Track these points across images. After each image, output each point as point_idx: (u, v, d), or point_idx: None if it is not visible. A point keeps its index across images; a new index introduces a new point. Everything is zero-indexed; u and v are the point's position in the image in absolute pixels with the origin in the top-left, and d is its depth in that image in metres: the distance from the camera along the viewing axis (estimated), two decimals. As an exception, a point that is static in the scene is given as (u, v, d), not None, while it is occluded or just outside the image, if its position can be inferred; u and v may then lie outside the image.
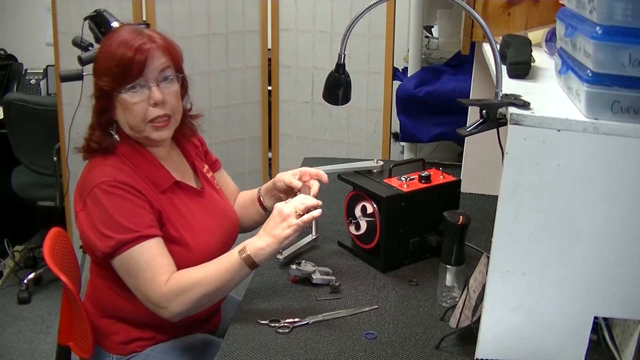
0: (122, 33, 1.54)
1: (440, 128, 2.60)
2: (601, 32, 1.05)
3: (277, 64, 2.92)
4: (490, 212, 1.99)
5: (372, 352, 1.34)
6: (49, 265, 1.66)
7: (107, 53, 1.51)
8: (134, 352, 1.62)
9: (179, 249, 1.54)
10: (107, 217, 1.47)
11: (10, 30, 4.05)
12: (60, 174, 3.07)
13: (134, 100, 1.51)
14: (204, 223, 1.63)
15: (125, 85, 1.50)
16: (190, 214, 1.61)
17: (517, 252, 1.19)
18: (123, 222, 1.46)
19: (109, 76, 1.50)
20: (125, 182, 1.49)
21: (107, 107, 1.54)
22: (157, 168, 1.59)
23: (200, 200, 1.67)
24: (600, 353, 1.33)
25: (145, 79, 1.51)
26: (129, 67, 1.49)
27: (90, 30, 2.49)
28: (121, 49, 1.50)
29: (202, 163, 1.77)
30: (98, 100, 1.54)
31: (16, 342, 3.06)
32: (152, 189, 1.55)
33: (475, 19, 1.32)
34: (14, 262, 3.63)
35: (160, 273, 1.45)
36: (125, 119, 1.54)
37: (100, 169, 1.52)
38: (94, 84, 1.53)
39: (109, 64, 1.50)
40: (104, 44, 1.54)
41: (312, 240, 1.79)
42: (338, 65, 1.58)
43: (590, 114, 1.10)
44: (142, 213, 1.49)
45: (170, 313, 1.46)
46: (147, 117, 1.53)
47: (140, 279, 1.46)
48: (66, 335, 1.71)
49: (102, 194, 1.48)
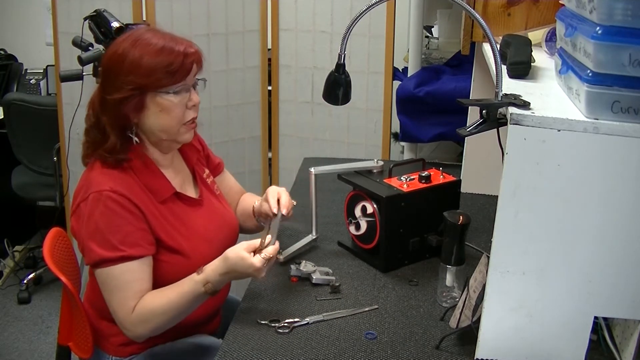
0: (156, 34, 1.52)
1: (440, 128, 2.60)
2: (601, 32, 1.05)
3: (277, 64, 2.92)
4: (490, 212, 1.99)
5: (372, 352, 1.34)
6: (48, 265, 1.66)
7: (152, 53, 1.48)
8: (133, 354, 1.62)
9: (177, 258, 1.55)
10: (94, 229, 1.47)
11: (10, 30, 4.05)
12: (60, 174, 3.07)
13: (175, 101, 1.52)
14: (202, 232, 1.63)
15: (172, 86, 1.50)
16: (189, 224, 1.60)
17: (517, 252, 1.19)
18: (110, 238, 1.46)
19: (153, 76, 1.48)
20: (123, 194, 1.48)
21: (135, 108, 1.51)
22: (158, 178, 1.58)
23: (199, 209, 1.66)
24: (600, 353, 1.33)
25: (187, 82, 1.53)
26: (180, 69, 1.50)
27: (90, 30, 2.49)
28: (169, 50, 1.49)
29: (203, 168, 1.77)
30: (125, 100, 1.49)
31: (16, 342, 3.06)
32: (151, 199, 1.54)
33: (475, 19, 1.32)
34: (14, 262, 3.62)
35: (132, 298, 1.48)
36: (157, 121, 1.53)
37: (101, 176, 1.50)
38: (120, 84, 1.48)
39: (156, 63, 1.48)
40: (138, 43, 1.49)
41: (312, 241, 1.79)
42: (338, 65, 1.58)
43: (591, 114, 1.10)
44: (131, 230, 1.48)
45: (133, 335, 1.51)
46: (184, 119, 1.55)
47: (113, 297, 1.49)
48: (66, 335, 1.71)
49: (96, 204, 1.47)
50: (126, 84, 1.48)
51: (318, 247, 1.79)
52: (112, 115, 1.51)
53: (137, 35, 1.52)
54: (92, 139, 1.55)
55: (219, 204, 1.74)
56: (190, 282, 1.49)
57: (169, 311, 1.49)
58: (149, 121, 1.53)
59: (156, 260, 1.53)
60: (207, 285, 1.48)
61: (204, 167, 1.77)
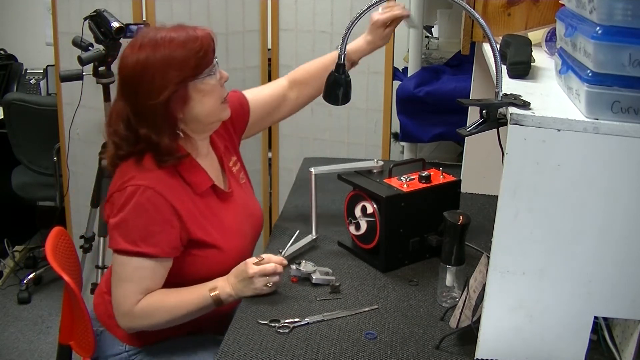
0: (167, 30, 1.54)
1: (440, 128, 2.60)
2: (601, 32, 1.05)
3: (277, 64, 2.92)
4: (490, 212, 1.99)
5: (372, 352, 1.34)
6: (51, 264, 1.66)
7: (179, 46, 1.51)
8: (147, 343, 1.64)
9: (212, 252, 1.59)
10: (121, 220, 1.50)
11: (10, 30, 4.05)
12: (60, 174, 3.07)
13: (213, 82, 1.57)
14: (236, 225, 1.67)
15: (207, 69, 1.55)
16: (222, 217, 1.64)
17: (517, 252, 1.19)
18: (133, 232, 1.49)
19: (189, 65, 1.51)
20: (160, 193, 1.50)
21: (181, 103, 1.53)
22: (197, 171, 1.61)
23: (230, 202, 1.70)
24: (600, 353, 1.33)
25: (212, 62, 1.57)
26: (207, 51, 1.55)
27: (90, 30, 2.50)
28: (191, 38, 1.53)
29: (230, 156, 1.79)
30: (171, 99, 1.51)
31: (16, 342, 3.06)
32: (189, 193, 1.57)
33: (475, 19, 1.32)
34: (14, 262, 3.62)
35: (139, 293, 1.52)
36: (202, 107, 1.56)
37: (143, 171, 1.52)
38: (160, 85, 1.48)
39: (187, 52, 1.51)
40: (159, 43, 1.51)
41: (312, 241, 1.79)
42: (338, 65, 1.58)
43: (591, 114, 1.10)
44: (156, 231, 1.51)
45: (125, 326, 1.56)
46: (222, 96, 1.60)
47: (121, 286, 1.53)
48: (67, 334, 1.72)
49: (130, 197, 1.49)
50: (167, 81, 1.50)
51: (318, 247, 1.79)
52: (160, 121, 1.52)
53: (150, 38, 1.52)
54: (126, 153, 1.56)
55: (244, 195, 1.79)
56: (200, 287, 1.54)
57: (174, 310, 1.53)
58: (194, 110, 1.56)
59: (191, 255, 1.57)
60: (213, 292, 1.53)
61: (230, 155, 1.80)
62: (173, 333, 1.64)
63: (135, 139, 1.53)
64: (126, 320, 1.54)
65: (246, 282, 1.51)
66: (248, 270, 1.50)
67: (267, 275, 1.51)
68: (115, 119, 1.56)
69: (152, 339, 1.64)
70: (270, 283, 1.51)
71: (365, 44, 1.84)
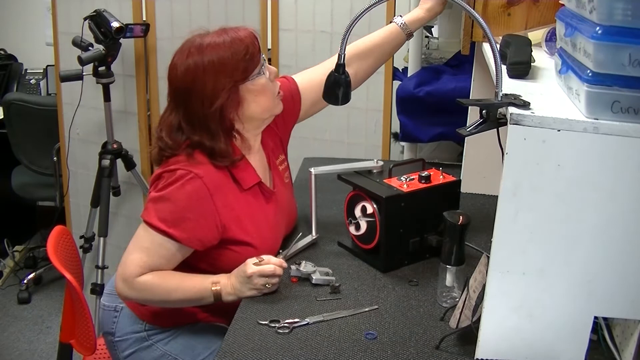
0: (211, 35, 1.55)
1: (440, 128, 2.60)
2: (601, 32, 1.05)
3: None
4: (490, 212, 1.99)
5: (372, 352, 1.34)
6: (53, 262, 1.67)
7: (226, 49, 1.52)
8: (169, 325, 1.66)
9: (247, 249, 1.61)
10: (161, 197, 1.52)
11: (10, 30, 4.05)
12: (60, 173, 3.07)
13: (264, 81, 1.58)
14: (273, 224, 1.69)
15: (254, 71, 1.56)
16: (262, 215, 1.66)
17: (517, 252, 1.19)
18: (167, 212, 1.51)
19: (239, 67, 1.53)
20: (207, 187, 1.52)
21: (235, 106, 1.55)
22: (246, 168, 1.63)
23: (274, 201, 1.71)
24: (600, 353, 1.33)
25: (260, 61, 1.58)
26: (254, 52, 1.55)
27: (90, 30, 2.50)
28: (236, 41, 1.54)
29: (277, 154, 1.80)
30: (226, 104, 1.53)
31: (16, 342, 3.06)
32: (234, 190, 1.59)
33: (475, 19, 1.32)
34: (14, 262, 3.63)
35: (147, 267, 1.53)
36: (257, 106, 1.58)
37: (197, 160, 1.54)
38: (214, 92, 1.51)
39: (235, 56, 1.52)
40: (206, 49, 1.52)
41: (312, 240, 1.79)
42: (338, 65, 1.58)
43: (590, 114, 1.10)
44: (190, 218, 1.52)
45: (121, 292, 1.56)
46: (275, 91, 1.62)
47: (135, 253, 1.53)
48: (68, 333, 1.72)
49: (178, 180, 1.51)
50: (219, 89, 1.52)
51: (318, 247, 1.79)
52: (214, 127, 1.54)
53: (197, 45, 1.54)
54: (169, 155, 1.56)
55: (286, 194, 1.80)
56: (204, 278, 1.55)
57: (172, 293, 1.55)
58: (249, 110, 1.59)
59: (226, 249, 1.59)
60: (215, 287, 1.53)
61: (278, 153, 1.81)
62: (193, 319, 1.66)
63: (185, 143, 1.55)
64: (124, 285, 1.54)
65: (245, 281, 1.51)
66: (247, 270, 1.50)
67: (265, 276, 1.51)
68: (168, 130, 1.57)
69: (172, 321, 1.66)
70: (269, 284, 1.52)
71: (424, 12, 1.82)
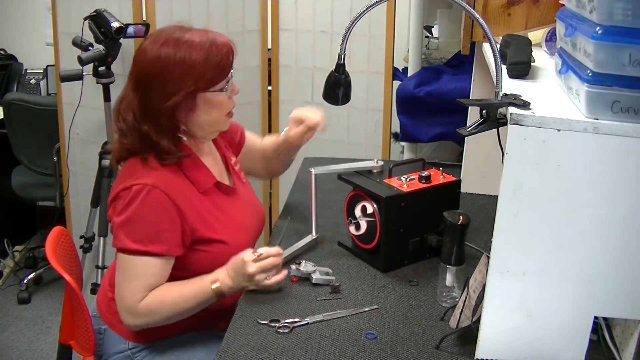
0: (191, 32, 1.52)
1: (440, 128, 2.60)
2: (601, 32, 1.05)
3: (277, 64, 2.92)
4: (490, 212, 1.98)
5: (372, 352, 1.34)
6: (51, 263, 1.66)
7: (201, 52, 1.49)
8: (149, 341, 1.64)
9: (219, 247, 1.60)
10: (127, 219, 1.49)
11: (10, 30, 4.05)
12: (60, 174, 3.07)
13: (222, 97, 1.55)
14: (240, 220, 1.68)
15: (221, 82, 1.53)
16: (228, 212, 1.65)
17: (517, 252, 1.19)
18: (138, 231, 1.49)
19: (207, 76, 1.50)
20: (165, 192, 1.50)
21: (187, 110, 1.52)
22: (201, 169, 1.62)
23: (235, 197, 1.71)
24: (600, 353, 1.33)
25: (228, 76, 1.56)
26: (227, 66, 1.53)
27: (90, 30, 2.50)
28: (214, 48, 1.50)
29: (230, 154, 1.80)
30: (179, 105, 1.50)
31: (16, 342, 3.06)
32: (194, 191, 1.58)
33: (475, 19, 1.32)
34: (14, 262, 3.62)
35: (144, 290, 1.52)
36: (207, 117, 1.56)
37: (147, 170, 1.52)
38: (173, 90, 1.48)
39: (205, 65, 1.49)
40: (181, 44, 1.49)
41: (312, 240, 1.79)
42: (338, 65, 1.58)
43: (590, 114, 1.10)
44: (162, 229, 1.51)
45: (129, 323, 1.55)
46: (228, 109, 1.59)
47: (127, 283, 1.52)
48: (68, 334, 1.72)
49: (136, 196, 1.49)
50: (180, 89, 1.48)
51: (318, 247, 1.79)
52: (163, 122, 1.51)
53: (175, 36, 1.51)
54: (129, 145, 1.55)
55: (247, 192, 1.80)
56: (201, 280, 1.54)
57: (176, 305, 1.53)
58: (199, 119, 1.56)
59: (197, 250, 1.58)
60: (215, 285, 1.53)
61: (231, 154, 1.81)
62: (175, 330, 1.64)
63: (140, 133, 1.53)
64: (130, 317, 1.54)
65: (246, 279, 1.51)
66: (248, 269, 1.50)
67: (266, 271, 1.51)
68: (125, 108, 1.55)
69: (154, 336, 1.64)
70: (270, 278, 1.52)
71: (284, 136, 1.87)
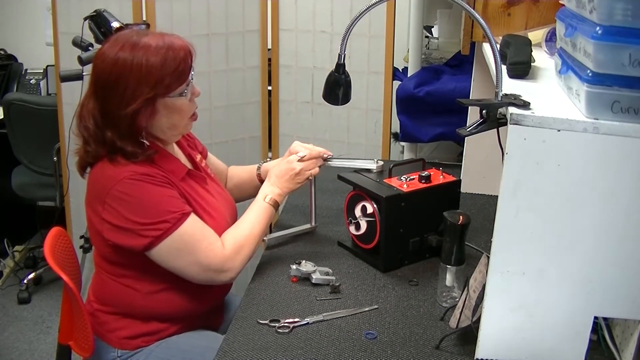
0: (148, 35, 1.51)
1: (440, 128, 2.60)
2: (601, 32, 1.05)
3: (277, 64, 2.92)
4: (490, 212, 1.99)
5: (372, 352, 1.34)
6: (50, 264, 1.66)
7: (158, 57, 1.47)
8: (139, 347, 1.63)
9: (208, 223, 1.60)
10: (141, 207, 1.48)
11: (10, 30, 4.05)
12: (60, 174, 3.07)
13: (182, 101, 1.54)
14: (216, 206, 1.69)
15: (181, 87, 1.52)
16: (205, 199, 1.66)
17: (517, 252, 1.19)
18: (163, 206, 1.49)
19: (165, 81, 1.48)
20: (148, 173, 1.50)
21: (147, 116, 1.50)
22: (171, 160, 1.62)
23: (208, 185, 1.72)
24: (600, 353, 1.33)
25: (187, 80, 1.54)
26: (185, 69, 1.51)
27: (90, 30, 2.49)
28: (173, 50, 1.48)
29: (195, 152, 1.80)
30: (139, 111, 1.48)
31: (16, 342, 3.06)
32: (172, 178, 1.58)
33: (475, 19, 1.32)
34: (14, 262, 3.62)
35: (216, 239, 1.55)
36: (168, 121, 1.54)
37: (116, 170, 1.50)
38: (131, 96, 1.46)
39: (165, 68, 1.47)
40: (138, 49, 1.47)
41: (310, 228, 1.79)
42: (338, 65, 1.58)
43: (590, 114, 1.10)
44: (173, 194, 1.52)
45: (233, 273, 1.57)
46: (191, 112, 1.59)
47: (198, 250, 1.52)
48: (67, 334, 1.72)
49: (129, 188, 1.47)
50: (138, 95, 1.46)
51: (318, 247, 1.79)
52: (124, 128, 1.49)
53: (132, 41, 1.49)
54: (94, 152, 1.53)
55: (217, 184, 1.80)
56: (252, 205, 1.67)
57: (252, 231, 1.61)
58: (159, 123, 1.55)
59: None
60: (267, 198, 1.67)
61: (195, 152, 1.81)
62: (161, 335, 1.63)
63: (103, 139, 1.51)
64: (228, 265, 1.55)
65: (292, 178, 1.69)
66: (296, 167, 1.70)
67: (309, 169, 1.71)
68: (86, 115, 1.53)
69: (139, 343, 1.63)
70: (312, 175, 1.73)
71: None
